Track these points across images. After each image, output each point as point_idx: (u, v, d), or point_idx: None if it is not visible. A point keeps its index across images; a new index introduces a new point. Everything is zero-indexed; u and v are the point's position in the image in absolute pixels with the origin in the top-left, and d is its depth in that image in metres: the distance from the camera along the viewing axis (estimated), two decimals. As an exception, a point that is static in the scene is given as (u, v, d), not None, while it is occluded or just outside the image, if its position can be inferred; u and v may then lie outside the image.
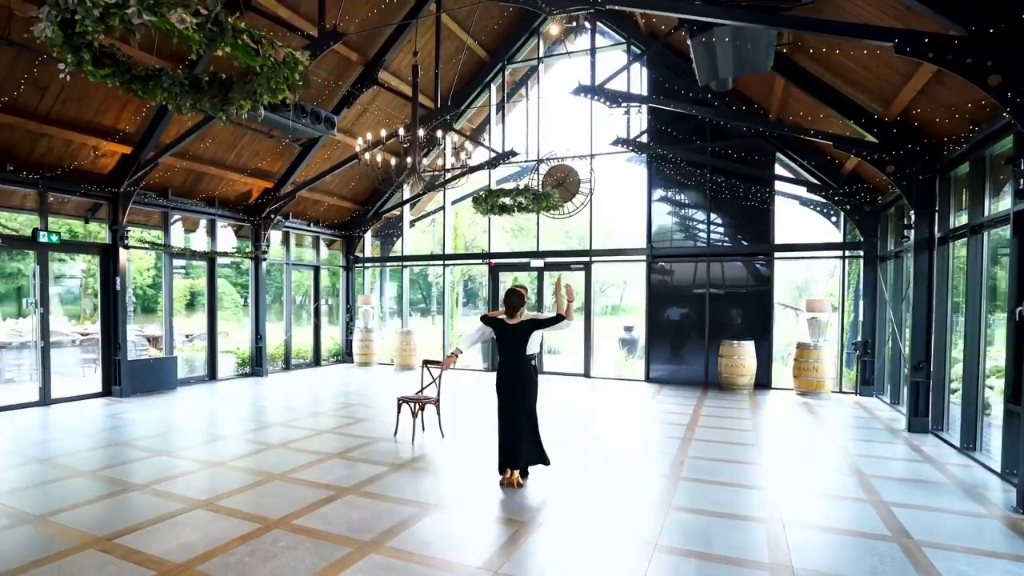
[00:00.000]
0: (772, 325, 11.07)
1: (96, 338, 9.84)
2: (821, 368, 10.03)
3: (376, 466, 5.76)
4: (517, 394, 5.28)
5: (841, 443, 6.90)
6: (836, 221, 11.19)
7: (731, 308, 11.37)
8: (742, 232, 11.43)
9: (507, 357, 5.37)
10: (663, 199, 12.03)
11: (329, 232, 14.37)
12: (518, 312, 5.31)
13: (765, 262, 11.12)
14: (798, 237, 11.14)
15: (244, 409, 8.71)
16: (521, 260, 13.33)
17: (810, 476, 5.67)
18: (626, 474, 5.66)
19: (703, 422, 7.94)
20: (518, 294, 5.35)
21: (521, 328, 5.27)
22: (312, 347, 14.03)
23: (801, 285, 13.66)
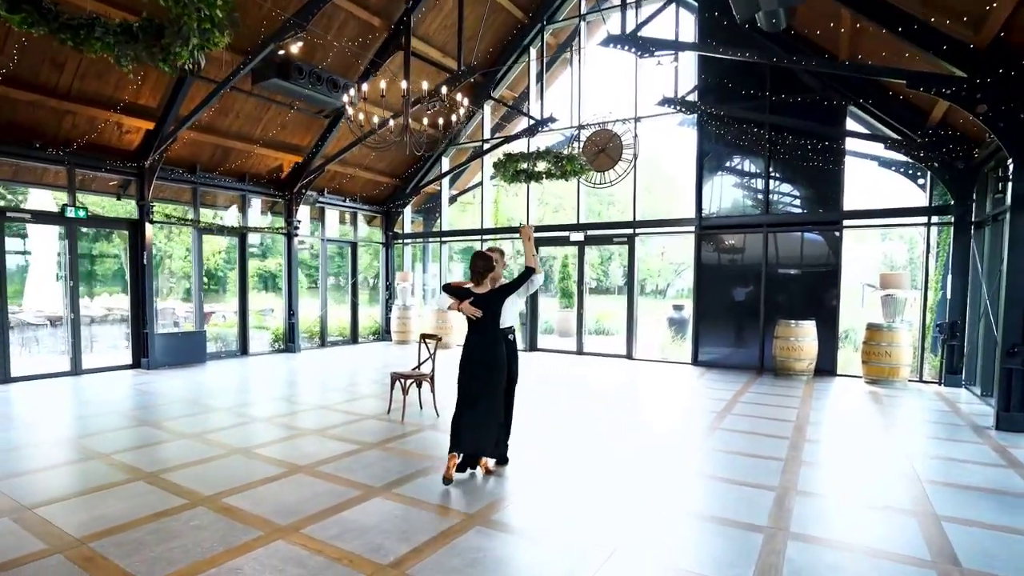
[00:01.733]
0: (839, 303, 9.76)
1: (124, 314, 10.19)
2: (896, 353, 8.70)
3: (347, 444, 5.37)
4: (481, 377, 4.51)
5: (904, 440, 5.80)
6: (923, 183, 9.67)
7: (791, 285, 10.14)
8: (806, 199, 10.13)
9: (473, 333, 4.60)
10: (715, 164, 10.89)
11: (367, 208, 14.26)
12: (485, 279, 4.57)
13: (833, 232, 9.80)
14: (874, 202, 9.72)
15: (254, 383, 8.66)
16: (560, 234, 12.60)
17: (847, 478, 4.72)
18: (623, 466, 4.95)
19: (739, 409, 7.00)
20: (484, 257, 4.61)
21: (490, 297, 4.53)
22: (350, 324, 14.03)
23: (877, 258, 12.08)
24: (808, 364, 9.31)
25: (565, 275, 17.54)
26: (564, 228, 12.60)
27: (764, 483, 4.51)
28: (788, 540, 3.54)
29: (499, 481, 4.49)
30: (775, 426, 6.27)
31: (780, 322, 9.52)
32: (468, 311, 4.51)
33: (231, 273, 21.26)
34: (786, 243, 10.20)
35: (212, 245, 21.98)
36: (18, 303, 12.81)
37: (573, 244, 12.37)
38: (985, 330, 7.90)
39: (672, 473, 4.77)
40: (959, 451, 5.46)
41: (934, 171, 8.80)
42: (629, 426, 6.28)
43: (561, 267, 17.79)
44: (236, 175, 11.21)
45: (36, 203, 10.92)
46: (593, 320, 16.46)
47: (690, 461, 5.05)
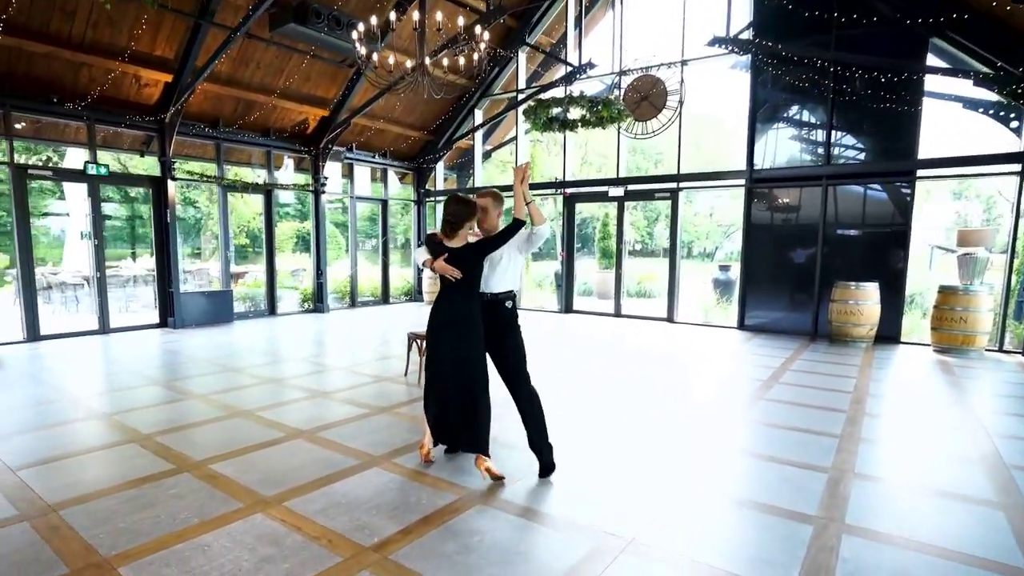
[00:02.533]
0: (906, 265, 8.84)
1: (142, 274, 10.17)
2: (972, 319, 7.81)
3: (355, 408, 5.07)
4: (448, 343, 3.62)
5: (984, 417, 5.10)
6: (1017, 125, 8.54)
7: (851, 244, 9.25)
8: (874, 148, 9.12)
9: (444, 292, 3.68)
10: (770, 111, 9.94)
11: (398, 164, 13.84)
12: (460, 231, 3.59)
13: (902, 186, 8.81)
14: (954, 150, 8.66)
15: (274, 343, 8.50)
16: (599, 189, 11.91)
17: (915, 459, 4.10)
18: (654, 440, 4.47)
19: (789, 378, 6.38)
20: (460, 202, 3.61)
21: (465, 254, 3.56)
22: (380, 285, 13.82)
23: (948, 217, 10.92)
24: (868, 330, 8.51)
25: (605, 234, 16.81)
26: (602, 183, 11.89)
27: (815, 463, 3.96)
28: (843, 534, 3.02)
29: (511, 454, 4.07)
30: (829, 397, 5.64)
31: (839, 284, 8.70)
32: (443, 270, 3.55)
33: (281, 234, 21.46)
34: (847, 198, 9.26)
35: (253, 206, 22.25)
36: (58, 263, 13.11)
37: (612, 200, 11.68)
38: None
39: (709, 449, 4.26)
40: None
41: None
42: (664, 394, 5.77)
43: (601, 226, 17.06)
44: (260, 130, 10.93)
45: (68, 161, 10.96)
46: (634, 282, 15.79)
47: (730, 435, 4.53)
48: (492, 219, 3.73)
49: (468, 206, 3.62)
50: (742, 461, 4.08)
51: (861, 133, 9.22)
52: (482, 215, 3.70)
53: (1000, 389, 6.15)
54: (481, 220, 3.72)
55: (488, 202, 3.72)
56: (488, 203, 3.71)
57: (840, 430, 4.65)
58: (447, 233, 3.61)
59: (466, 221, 3.61)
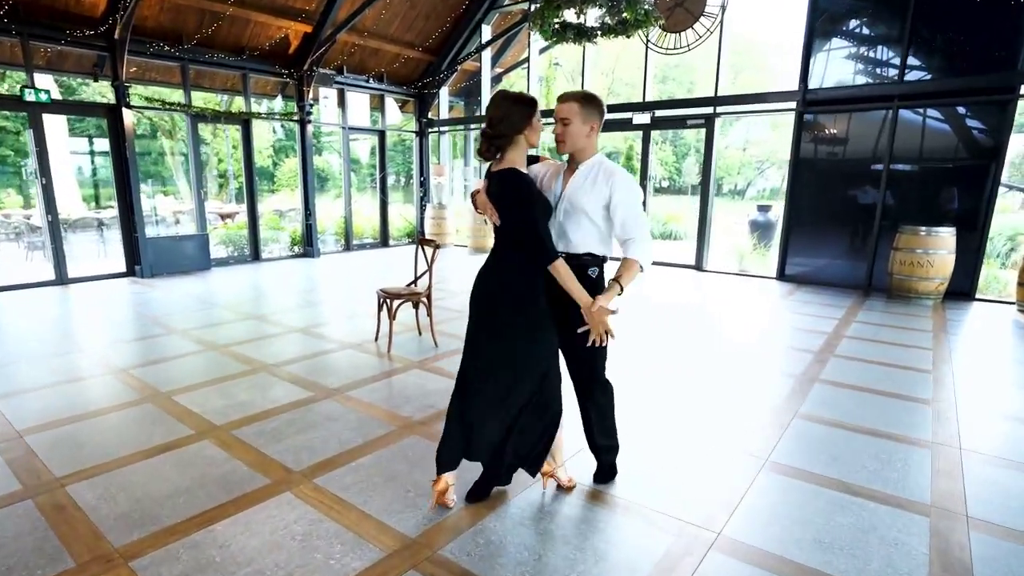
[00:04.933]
0: (991, 208, 7.38)
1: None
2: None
3: (298, 390, 4.09)
4: (489, 327, 2.47)
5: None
6: None
7: (923, 180, 7.80)
8: (962, 58, 7.47)
9: (496, 251, 2.50)
10: (833, 14, 8.28)
11: (396, 90, 12.45)
12: (503, 147, 2.36)
13: (995, 110, 7.25)
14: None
15: (241, 296, 7.53)
16: (622, 115, 10.44)
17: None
18: (704, 413, 3.42)
19: (849, 348, 5.21)
20: (506, 99, 2.36)
21: (494, 187, 2.38)
22: (379, 226, 12.74)
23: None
24: (938, 284, 7.21)
25: (629, 169, 15.37)
26: (626, 108, 10.41)
27: (913, 437, 2.88)
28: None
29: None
30: (900, 378, 4.48)
31: (905, 229, 7.35)
32: (482, 206, 2.44)
33: (279, 171, 20.45)
34: (921, 125, 7.74)
35: (260, 140, 21.15)
36: (28, 206, 12.29)
37: (637, 129, 10.24)
38: None
39: (771, 423, 3.20)
40: None
41: None
42: (707, 360, 4.66)
43: (625, 160, 15.58)
44: (232, 49, 9.63)
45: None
46: (660, 223, 14.45)
47: (769, 444, 3.44)
48: (577, 137, 2.43)
49: (520, 106, 2.33)
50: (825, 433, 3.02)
51: (947, 41, 7.55)
52: (560, 128, 2.43)
53: (1118, 367, 4.92)
54: (558, 134, 2.45)
55: (572, 110, 2.40)
56: (572, 111, 2.40)
57: (916, 419, 3.53)
58: (484, 154, 2.38)
59: (514, 131, 2.32)
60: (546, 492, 2.77)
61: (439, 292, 7.57)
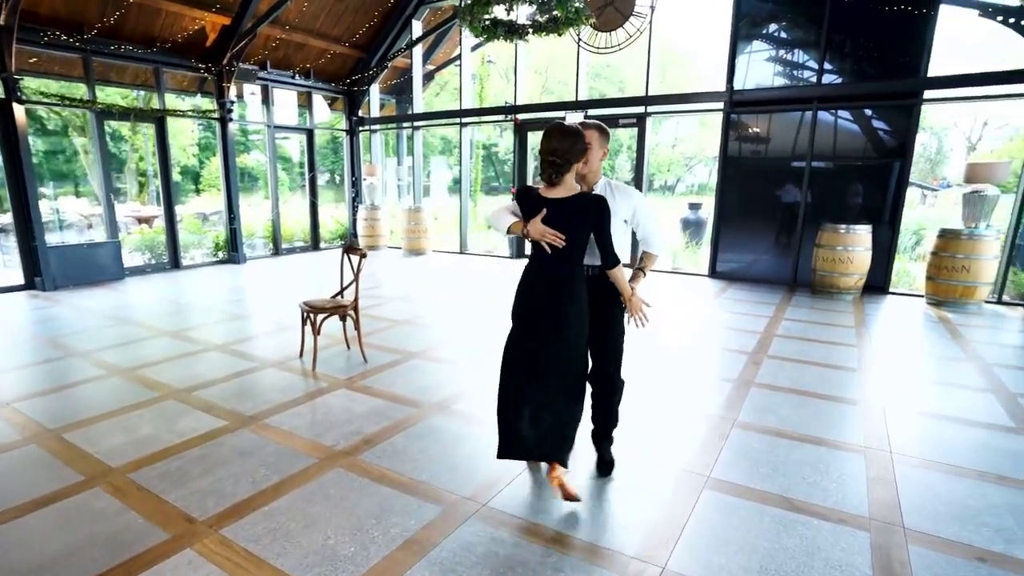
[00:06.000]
0: (901, 205, 7.70)
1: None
2: (976, 268, 6.78)
3: (208, 418, 3.67)
4: (546, 331, 2.66)
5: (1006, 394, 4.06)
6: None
7: (841, 178, 8.03)
8: (874, 63, 7.71)
9: (539, 260, 2.71)
10: (754, 18, 8.39)
11: (325, 87, 11.86)
12: (565, 175, 2.58)
13: (906, 107, 7.52)
14: (967, 67, 7.36)
15: (153, 308, 6.93)
16: (556, 114, 10.31)
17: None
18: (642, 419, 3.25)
19: (781, 349, 5.23)
20: (565, 134, 2.55)
21: (572, 209, 2.56)
22: (310, 228, 12.13)
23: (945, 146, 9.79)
24: (857, 280, 7.44)
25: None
26: (560, 107, 10.28)
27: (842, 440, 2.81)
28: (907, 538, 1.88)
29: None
30: (836, 381, 4.50)
31: (826, 227, 7.53)
32: (541, 235, 2.58)
33: (206, 171, 19.21)
34: (838, 126, 7.96)
35: (184, 138, 19.81)
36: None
37: (569, 129, 10.10)
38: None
39: (718, 434, 3.06)
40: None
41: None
42: (640, 365, 4.53)
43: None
44: (142, 41, 8.84)
45: None
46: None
47: (710, 458, 3.32)
48: (594, 161, 2.80)
49: (578, 139, 2.58)
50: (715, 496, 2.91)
51: (860, 47, 7.78)
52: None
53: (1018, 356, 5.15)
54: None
55: (593, 137, 2.76)
56: (593, 138, 2.76)
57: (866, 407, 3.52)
58: (550, 179, 2.61)
59: (577, 160, 2.60)
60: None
61: (371, 299, 7.20)
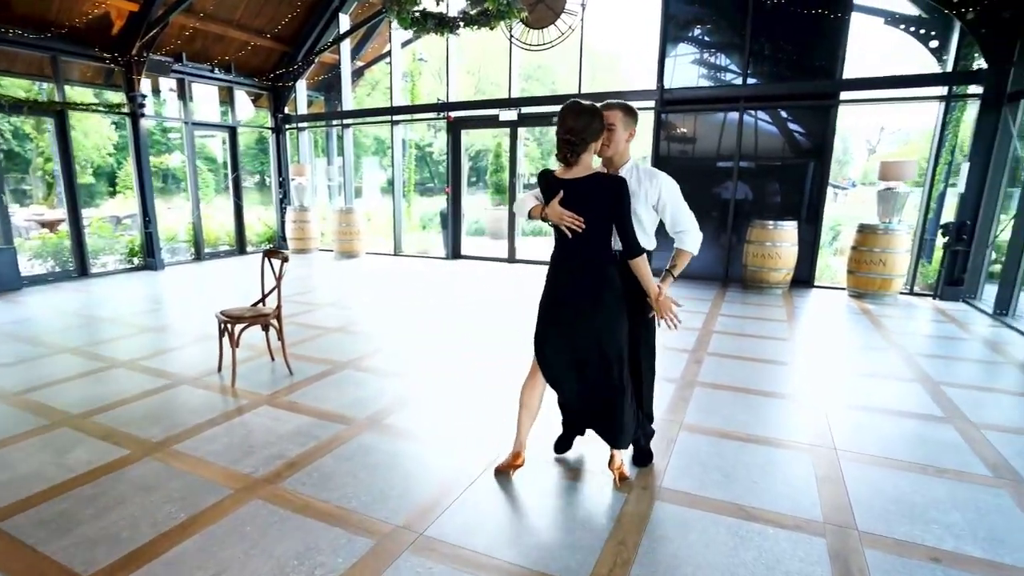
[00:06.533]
0: (823, 202, 7.93)
1: None
2: (891, 261, 7.03)
3: (108, 449, 3.19)
4: (585, 323, 2.57)
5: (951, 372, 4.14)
6: (936, 45, 7.63)
7: (768, 176, 8.19)
8: (796, 65, 7.89)
9: (564, 250, 2.61)
10: (683, 20, 8.43)
11: (248, 83, 11.12)
12: (581, 154, 2.46)
13: (825, 108, 7.73)
14: (878, 70, 7.64)
15: (59, 321, 6.18)
16: (488, 112, 10.06)
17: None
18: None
19: (721, 345, 5.19)
20: (582, 112, 2.42)
21: (591, 190, 2.46)
22: (234, 231, 11.35)
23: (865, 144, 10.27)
24: (785, 275, 7.59)
25: (498, 167, 15.07)
26: (492, 104, 10.04)
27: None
28: None
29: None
30: (775, 376, 4.47)
31: (755, 223, 7.65)
32: (559, 218, 2.48)
33: (123, 171, 17.74)
34: (764, 126, 8.11)
35: (94, 137, 18.21)
36: None
37: (504, 125, 9.89)
38: (1013, 233, 6.23)
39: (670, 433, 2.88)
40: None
41: (968, 24, 6.68)
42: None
43: (493, 157, 15.28)
44: (35, 26, 7.93)
45: None
46: (529, 221, 14.31)
47: (659, 466, 3.16)
48: (619, 143, 2.64)
49: (594, 118, 2.44)
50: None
51: (781, 50, 7.95)
52: (606, 136, 2.57)
53: (956, 351, 5.32)
54: (604, 143, 2.59)
55: (617, 117, 2.60)
56: (617, 119, 2.61)
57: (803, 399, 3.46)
58: (565, 158, 2.48)
59: (594, 139, 2.47)
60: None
61: (300, 305, 6.71)
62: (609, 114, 2.57)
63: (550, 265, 2.69)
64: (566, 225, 2.47)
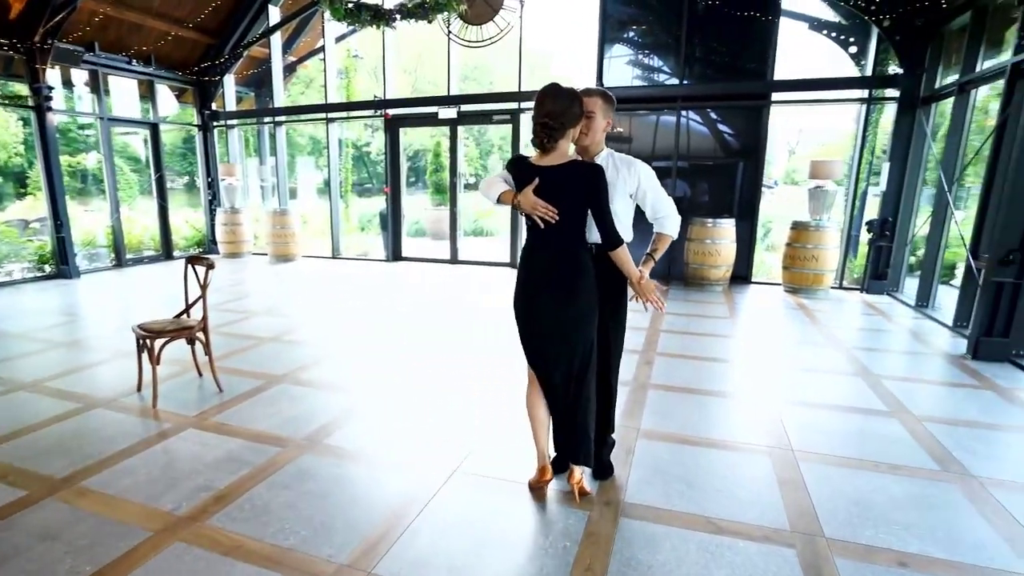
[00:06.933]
0: (758, 199, 8.09)
1: None
2: (823, 257, 7.24)
3: (4, 490, 2.73)
4: (557, 326, 2.43)
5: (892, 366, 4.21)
6: (855, 50, 7.92)
7: (705, 174, 8.28)
8: (730, 68, 8.01)
9: (538, 242, 2.44)
10: (621, 21, 8.40)
11: (171, 76, 10.32)
12: (559, 139, 2.31)
13: (759, 108, 7.88)
14: (805, 73, 7.84)
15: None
16: (427, 110, 9.73)
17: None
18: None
19: (669, 344, 5.12)
20: (560, 95, 2.28)
21: (565, 178, 2.32)
22: (160, 235, 10.52)
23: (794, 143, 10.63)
24: (725, 271, 7.69)
25: (438, 166, 14.72)
26: (431, 101, 9.73)
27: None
28: None
29: None
30: (724, 375, 4.43)
31: (695, 221, 7.70)
32: (532, 207, 2.32)
33: (35, 171, 16.21)
34: (700, 125, 8.19)
35: (3, 133, 16.54)
36: None
37: (443, 123, 9.60)
38: (931, 228, 6.51)
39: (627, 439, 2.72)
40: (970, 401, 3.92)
41: (884, 30, 6.93)
42: (510, 390, 4.14)
43: (433, 157, 14.91)
44: (-84, 9, 7.02)
45: None
46: (470, 220, 14.11)
47: (620, 478, 3.02)
48: (597, 131, 2.53)
49: (574, 102, 2.30)
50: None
51: (717, 52, 8.04)
52: (585, 123, 2.45)
53: (884, 342, 5.47)
54: (583, 130, 2.46)
55: (596, 104, 2.48)
56: (596, 106, 2.48)
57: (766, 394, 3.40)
58: (542, 144, 2.33)
59: (572, 124, 2.33)
60: None
61: (232, 314, 6.22)
62: (588, 100, 2.43)
63: (522, 257, 2.53)
64: (539, 215, 2.32)
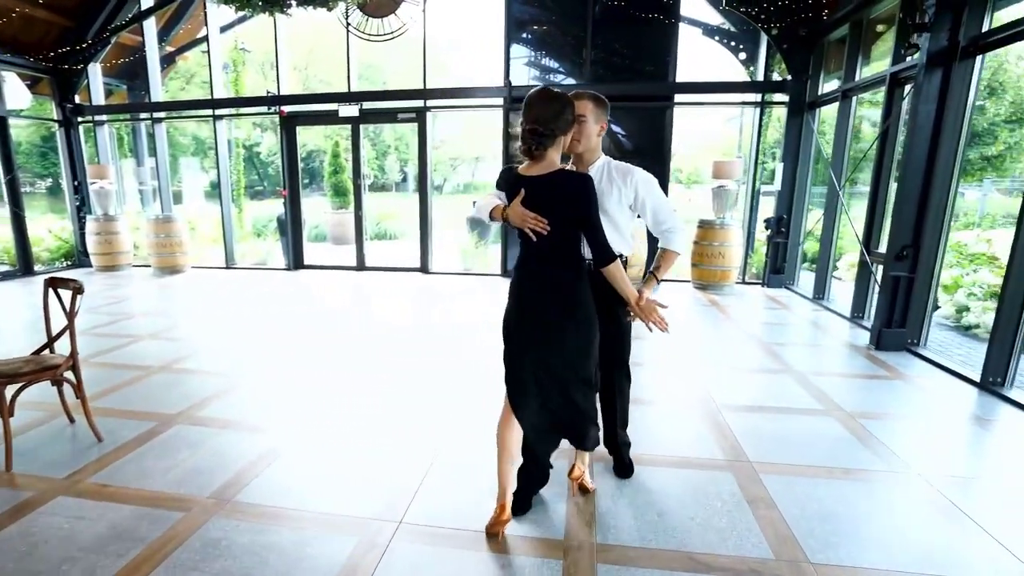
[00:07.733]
0: (666, 195, 8.17)
1: None
2: (728, 254, 7.43)
3: None
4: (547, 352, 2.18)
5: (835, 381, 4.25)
6: (747, 57, 8.21)
7: (616, 176, 8.24)
8: (636, 68, 8.01)
9: (529, 253, 2.19)
10: (527, 22, 8.16)
11: (19, 62, 8.70)
12: (548, 147, 2.05)
13: (660, 111, 7.95)
14: (704, 77, 8.03)
15: None
16: (327, 107, 8.95)
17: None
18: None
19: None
20: (549, 99, 2.03)
21: (548, 185, 2.06)
22: (15, 248, 8.88)
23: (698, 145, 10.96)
24: (638, 270, 7.67)
25: (336, 167, 13.78)
26: (331, 98, 8.96)
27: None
28: None
29: None
30: (661, 381, 4.27)
31: (609, 222, 7.62)
32: (522, 220, 2.07)
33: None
34: (610, 125, 8.15)
35: None
36: None
37: (344, 122, 8.88)
38: (824, 226, 6.84)
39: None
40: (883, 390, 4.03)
41: (773, 38, 7.20)
42: (457, 389, 3.72)
43: (331, 158, 13.94)
44: None
45: None
46: (373, 223, 13.36)
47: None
48: (590, 136, 2.33)
49: (565, 106, 2.05)
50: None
51: (620, 53, 8.00)
52: (576, 129, 2.24)
53: (797, 335, 5.61)
54: (575, 137, 2.25)
55: (588, 108, 2.28)
56: (588, 109, 2.28)
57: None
58: (530, 151, 2.05)
59: (563, 131, 2.08)
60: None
61: (110, 339, 5.25)
62: (579, 104, 2.23)
63: (514, 273, 2.27)
64: (529, 228, 2.07)
